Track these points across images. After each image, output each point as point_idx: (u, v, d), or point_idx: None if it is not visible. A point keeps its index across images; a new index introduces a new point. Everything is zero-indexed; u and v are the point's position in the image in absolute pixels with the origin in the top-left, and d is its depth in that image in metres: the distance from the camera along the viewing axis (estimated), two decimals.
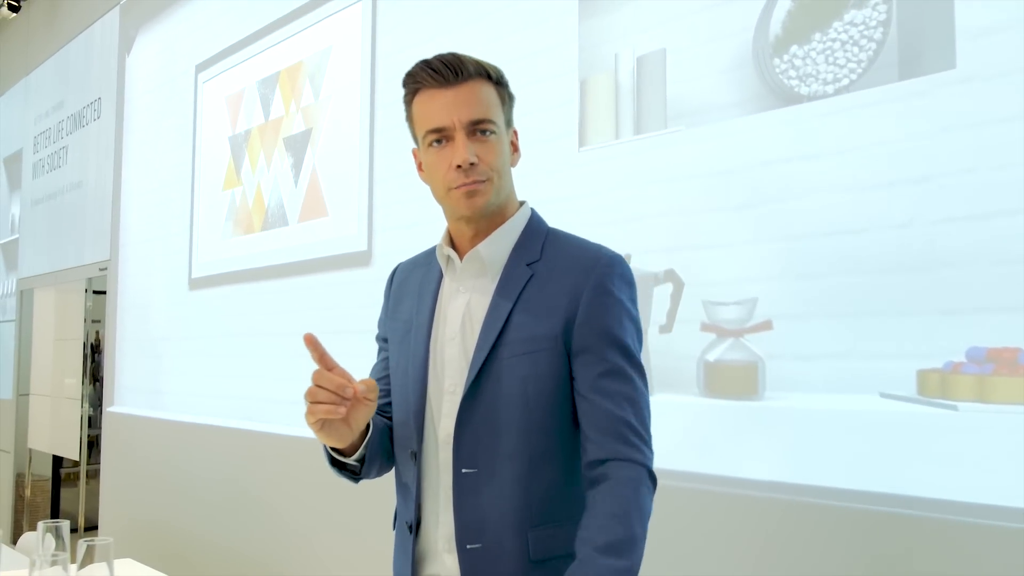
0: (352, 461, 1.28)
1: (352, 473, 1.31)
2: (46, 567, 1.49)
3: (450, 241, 1.34)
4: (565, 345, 1.24)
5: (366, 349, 1.55)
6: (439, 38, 2.80)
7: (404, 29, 2.97)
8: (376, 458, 1.33)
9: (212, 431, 3.82)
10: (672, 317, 2.02)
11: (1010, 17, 1.57)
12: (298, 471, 3.20)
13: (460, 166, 1.22)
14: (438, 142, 1.24)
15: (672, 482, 2.03)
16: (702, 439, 2.00)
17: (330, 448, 1.26)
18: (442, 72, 1.23)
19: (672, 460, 2.04)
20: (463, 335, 1.28)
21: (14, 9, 6.01)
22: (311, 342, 1.14)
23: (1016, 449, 1.52)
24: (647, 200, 2.14)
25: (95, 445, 5.06)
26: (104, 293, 4.94)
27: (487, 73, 1.27)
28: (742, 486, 1.91)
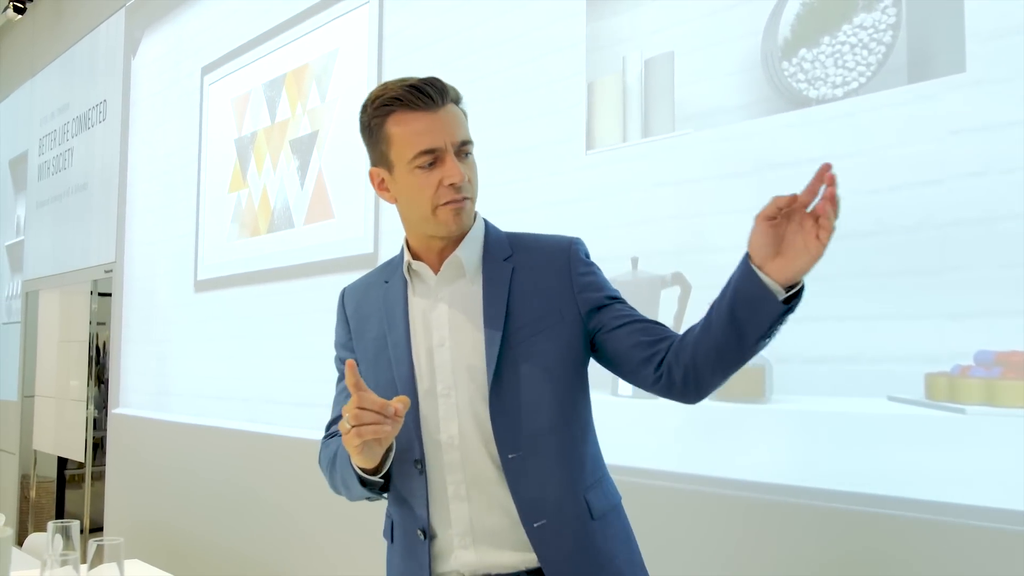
0: (378, 479, 1.30)
1: (379, 490, 1.33)
2: (56, 567, 1.50)
3: (413, 257, 1.39)
4: (570, 315, 1.33)
5: None
6: (446, 40, 2.81)
7: (411, 32, 2.98)
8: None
9: (217, 433, 3.82)
10: (679, 320, 2.02)
11: (1020, 20, 1.57)
12: (303, 472, 3.20)
13: (453, 184, 1.28)
14: (431, 164, 1.29)
15: (679, 484, 2.03)
16: (709, 442, 2.00)
17: (359, 468, 1.27)
18: (431, 95, 1.29)
19: (679, 463, 2.04)
20: (454, 338, 1.33)
21: (19, 11, 6.01)
22: (352, 368, 1.17)
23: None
24: (655, 203, 2.14)
25: (100, 447, 5.06)
26: (109, 295, 4.94)
27: (458, 96, 1.35)
28: (749, 489, 1.90)
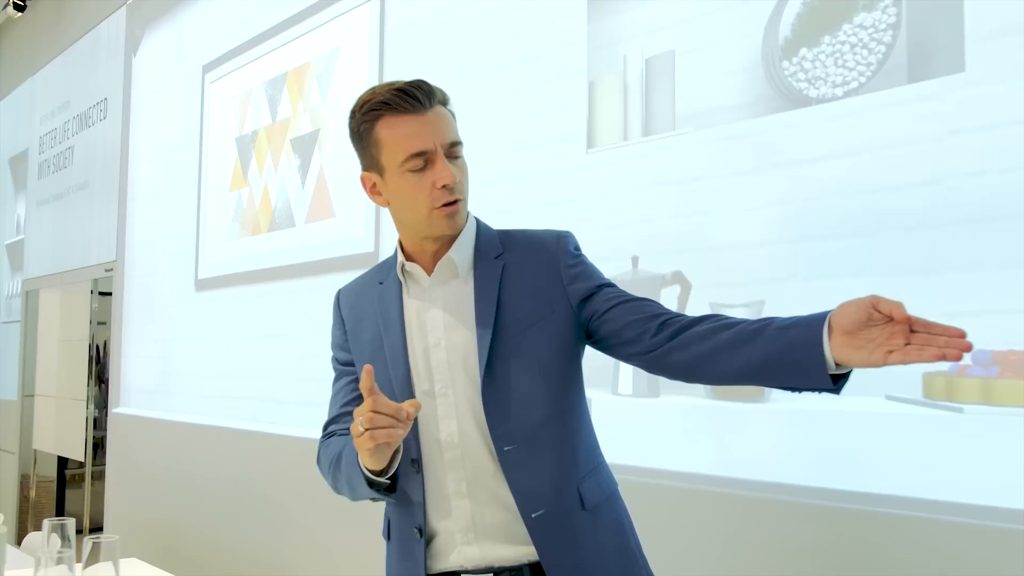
0: (386, 480, 1.29)
1: (385, 490, 1.33)
2: (51, 565, 1.50)
3: (407, 258, 1.40)
4: (561, 308, 1.34)
5: None
6: (447, 39, 2.81)
7: (412, 30, 2.98)
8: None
9: (218, 432, 3.82)
10: None
11: (1020, 20, 1.57)
12: (304, 471, 3.18)
13: (446, 185, 1.29)
14: (423, 167, 1.29)
15: (679, 483, 2.03)
16: (709, 441, 2.01)
17: (367, 469, 1.27)
18: (419, 98, 1.29)
19: (678, 461, 2.04)
20: (448, 338, 1.35)
21: (20, 9, 6.01)
22: (369, 372, 1.18)
23: (1021, 452, 1.52)
24: (655, 202, 2.14)
25: (100, 446, 5.06)
26: (110, 294, 4.94)
27: (445, 98, 1.35)
28: (748, 487, 1.91)
